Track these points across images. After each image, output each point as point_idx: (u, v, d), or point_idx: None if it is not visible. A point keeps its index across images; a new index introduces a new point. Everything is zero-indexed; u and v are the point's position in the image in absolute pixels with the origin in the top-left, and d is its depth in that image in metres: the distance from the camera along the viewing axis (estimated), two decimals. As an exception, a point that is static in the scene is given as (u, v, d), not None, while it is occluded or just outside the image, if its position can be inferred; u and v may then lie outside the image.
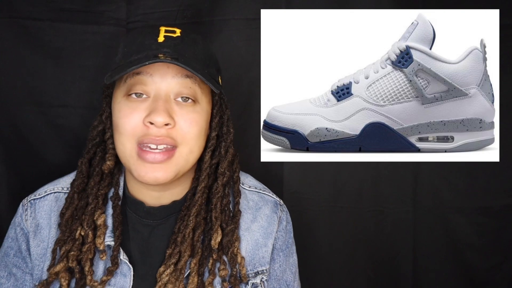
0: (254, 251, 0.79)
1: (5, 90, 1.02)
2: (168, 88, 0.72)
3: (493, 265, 1.09)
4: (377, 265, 1.10)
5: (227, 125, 0.80)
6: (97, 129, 0.80)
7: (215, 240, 0.75)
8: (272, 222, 0.82)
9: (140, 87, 0.72)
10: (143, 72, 0.72)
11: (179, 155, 0.73)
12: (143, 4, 1.03)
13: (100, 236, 0.75)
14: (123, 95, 0.73)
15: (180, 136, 0.72)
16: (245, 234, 0.80)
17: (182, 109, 0.72)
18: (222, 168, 0.78)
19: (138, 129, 0.71)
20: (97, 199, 0.77)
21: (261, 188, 0.87)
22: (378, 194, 1.08)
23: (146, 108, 0.71)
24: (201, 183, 0.77)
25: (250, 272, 0.78)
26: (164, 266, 0.74)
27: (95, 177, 0.78)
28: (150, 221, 0.78)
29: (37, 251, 0.77)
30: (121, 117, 0.72)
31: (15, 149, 1.03)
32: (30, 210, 0.80)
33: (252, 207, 0.82)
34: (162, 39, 0.73)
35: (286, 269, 0.83)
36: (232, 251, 0.76)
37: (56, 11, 1.01)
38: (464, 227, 1.08)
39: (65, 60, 1.03)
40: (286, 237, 0.84)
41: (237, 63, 1.06)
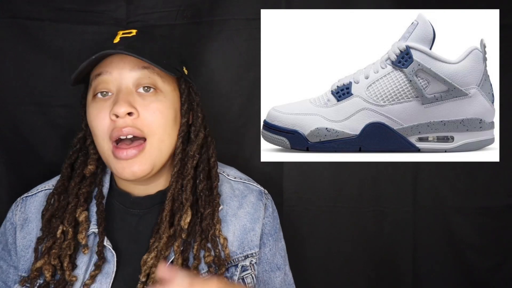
0: (243, 235, 0.82)
1: (5, 90, 1.02)
2: (127, 80, 0.75)
3: (493, 265, 1.09)
4: (377, 265, 1.10)
5: (196, 110, 0.82)
6: (77, 137, 0.84)
7: (184, 220, 0.76)
8: (258, 209, 0.85)
9: (103, 85, 0.76)
10: (103, 71, 0.76)
11: (150, 146, 0.75)
12: (143, 4, 1.03)
13: (81, 231, 0.77)
14: (91, 97, 0.77)
15: (146, 127, 0.74)
16: (233, 220, 0.82)
17: (144, 100, 0.75)
18: (192, 151, 0.80)
19: (107, 126, 0.74)
20: (77, 197, 0.80)
21: (246, 178, 0.90)
22: (378, 194, 1.08)
23: (110, 104, 0.74)
24: (174, 168, 0.79)
25: (240, 256, 0.80)
26: (148, 254, 0.75)
27: (75, 179, 0.81)
28: (137, 210, 0.81)
29: (23, 243, 0.79)
30: (92, 119, 0.76)
31: (15, 149, 1.03)
32: (21, 205, 0.83)
33: (238, 195, 0.85)
34: (117, 40, 0.77)
35: (275, 253, 0.86)
36: (212, 233, 0.77)
37: (56, 11, 1.01)
38: (464, 227, 1.08)
39: (65, 60, 1.03)
40: (273, 222, 0.87)
41: (237, 63, 1.06)
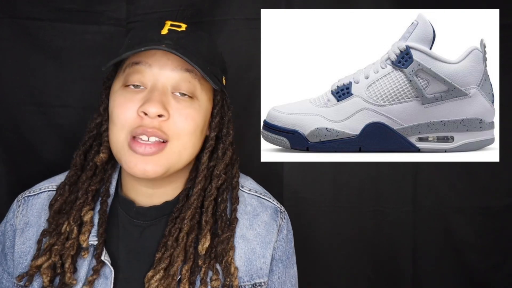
0: (251, 261, 0.75)
1: (5, 90, 1.02)
2: (166, 80, 0.70)
3: (493, 265, 1.09)
4: (377, 265, 1.10)
5: (227, 126, 0.77)
6: (95, 121, 0.78)
7: (202, 245, 0.71)
8: (271, 231, 0.77)
9: (138, 77, 0.70)
10: (142, 62, 0.70)
11: (170, 150, 0.70)
12: (143, 4, 1.03)
13: (84, 233, 0.72)
14: (120, 85, 0.72)
15: (172, 131, 0.69)
16: (239, 242, 0.75)
17: (178, 103, 0.70)
18: (218, 170, 0.75)
19: (131, 120, 0.69)
20: (86, 194, 0.75)
21: (262, 192, 0.82)
22: (378, 194, 1.08)
23: (142, 99, 0.69)
24: (197, 185, 0.74)
25: (247, 283, 0.74)
26: (153, 271, 0.70)
27: (87, 172, 0.76)
28: (140, 221, 0.75)
29: (22, 249, 0.75)
30: (116, 107, 0.70)
31: (15, 149, 1.03)
32: (22, 207, 0.79)
33: (249, 213, 0.78)
34: (165, 31, 0.71)
35: (286, 281, 0.79)
36: (226, 260, 0.72)
37: (56, 11, 1.01)
38: (464, 227, 1.08)
39: (65, 60, 1.03)
40: (286, 247, 0.79)
41: (237, 63, 1.06)
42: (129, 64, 0.71)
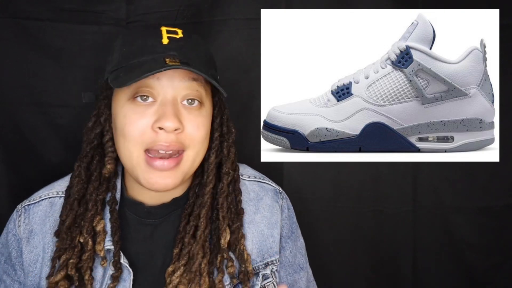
0: (261, 242, 0.80)
1: (5, 90, 1.02)
2: (176, 91, 0.71)
3: (493, 265, 1.09)
4: (377, 265, 1.10)
5: (227, 125, 0.80)
6: (95, 132, 0.77)
7: (224, 239, 0.75)
8: (275, 212, 0.83)
9: (147, 90, 0.70)
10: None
11: (186, 159, 0.72)
12: (143, 4, 1.03)
13: (100, 242, 0.74)
14: (127, 98, 0.71)
15: (188, 140, 0.72)
16: (250, 227, 0.80)
17: (190, 114, 0.72)
18: (226, 168, 0.78)
19: (146, 136, 0.70)
20: (96, 205, 0.76)
21: (260, 177, 0.87)
22: (378, 194, 1.08)
23: (154, 113, 0.69)
24: (208, 184, 0.76)
25: (260, 264, 0.79)
26: (173, 266, 0.73)
27: (94, 182, 0.76)
28: (151, 220, 0.78)
29: (30, 258, 0.76)
30: (128, 123, 0.70)
31: (15, 149, 1.03)
32: (24, 216, 0.78)
33: (253, 199, 0.83)
34: (166, 40, 0.71)
35: (296, 253, 0.85)
36: (239, 248, 0.76)
37: (56, 11, 1.01)
38: (464, 227, 1.08)
39: (65, 60, 1.02)
40: (290, 223, 0.85)
41: (237, 63, 1.06)
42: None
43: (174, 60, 0.68)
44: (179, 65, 0.67)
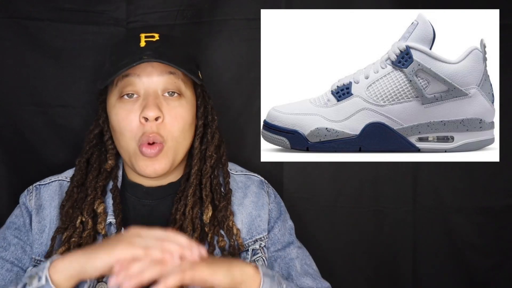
0: (250, 222, 0.87)
1: (5, 90, 1.02)
2: (155, 85, 0.80)
3: (493, 265, 1.09)
4: (377, 265, 1.10)
5: (211, 113, 0.88)
6: (94, 133, 0.88)
7: (206, 215, 0.83)
8: (261, 197, 0.90)
9: (130, 87, 0.80)
10: (131, 74, 0.79)
11: (167, 149, 0.80)
12: (143, 4, 1.03)
13: (101, 222, 0.81)
14: (116, 98, 0.81)
15: (167, 131, 0.80)
16: (240, 209, 0.87)
17: (169, 104, 0.80)
18: (210, 151, 0.87)
19: (136, 128, 0.79)
20: (95, 190, 0.83)
21: (247, 171, 0.95)
22: (378, 194, 1.08)
23: (139, 106, 0.79)
24: (194, 167, 0.85)
25: (249, 241, 0.86)
26: None
27: (93, 172, 0.85)
28: (149, 201, 0.86)
29: (38, 227, 0.82)
30: (120, 120, 0.80)
31: (15, 149, 1.03)
32: (35, 192, 0.86)
33: (241, 187, 0.91)
34: (143, 44, 0.81)
35: (285, 232, 0.91)
36: (227, 224, 0.84)
37: (56, 11, 1.01)
38: (464, 227, 1.08)
39: (65, 60, 1.02)
40: (277, 207, 0.92)
41: (237, 63, 1.06)
42: (120, 78, 0.80)
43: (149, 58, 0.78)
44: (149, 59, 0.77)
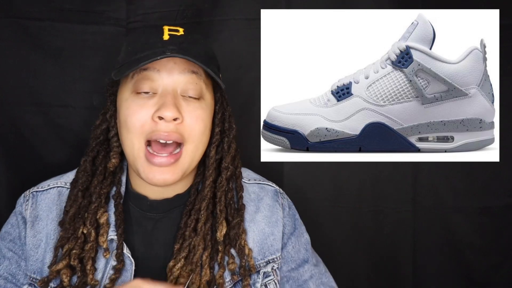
0: (262, 240, 0.81)
1: (5, 90, 1.02)
2: (175, 83, 0.73)
3: (493, 265, 1.09)
4: (377, 265, 1.10)
5: (229, 121, 0.82)
6: (101, 128, 0.81)
7: (220, 232, 0.76)
8: (275, 211, 0.84)
9: (148, 83, 0.73)
10: (151, 68, 0.73)
11: (185, 154, 0.74)
12: (143, 4, 1.03)
13: (103, 234, 0.76)
14: (130, 92, 0.74)
15: (187, 133, 0.73)
16: (251, 226, 0.81)
17: (188, 105, 0.74)
18: (226, 162, 0.80)
19: (147, 126, 0.72)
20: (100, 197, 0.78)
21: (260, 179, 0.89)
22: (378, 194, 1.08)
23: (155, 104, 0.72)
24: (208, 178, 0.79)
25: (261, 262, 0.80)
26: (174, 261, 0.74)
27: (98, 176, 0.79)
28: (153, 214, 0.79)
29: (32, 242, 0.77)
30: (130, 114, 0.73)
31: (15, 149, 1.03)
32: (31, 201, 0.81)
33: (254, 199, 0.84)
34: (167, 37, 0.74)
35: (300, 248, 0.85)
36: (239, 243, 0.77)
37: (56, 11, 1.01)
38: (464, 227, 1.08)
39: (65, 60, 1.03)
40: (292, 220, 0.86)
41: (237, 63, 1.06)
42: (137, 71, 0.73)
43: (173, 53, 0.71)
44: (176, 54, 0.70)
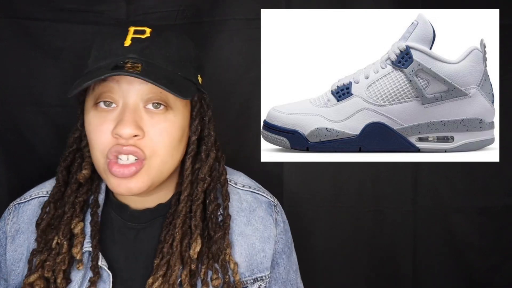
0: (251, 256, 0.76)
1: (5, 90, 1.02)
2: (137, 95, 0.67)
3: (493, 265, 1.09)
4: (377, 265, 1.10)
5: (208, 127, 0.75)
6: (74, 136, 0.77)
7: (193, 249, 0.71)
8: (268, 226, 0.78)
9: (108, 95, 0.68)
10: (109, 78, 0.67)
11: (148, 167, 0.68)
12: (143, 4, 1.03)
13: (76, 245, 0.71)
14: (92, 104, 0.69)
15: (149, 148, 0.67)
16: (239, 239, 0.75)
17: (152, 118, 0.68)
18: (202, 173, 0.74)
19: (107, 142, 0.67)
20: (74, 207, 0.74)
21: (255, 187, 0.83)
22: (378, 194, 1.08)
23: (115, 119, 0.67)
24: (184, 192, 0.73)
25: (248, 279, 0.75)
26: (153, 278, 0.70)
27: (72, 185, 0.75)
28: (135, 224, 0.75)
29: (14, 256, 0.75)
30: (91, 131, 0.69)
31: (15, 149, 1.03)
32: (13, 214, 0.78)
33: (245, 209, 0.78)
34: (128, 42, 0.69)
35: (289, 270, 0.82)
36: (223, 258, 0.72)
37: (56, 11, 1.01)
38: (464, 227, 1.08)
39: (65, 60, 1.02)
40: (285, 238, 0.81)
41: (237, 63, 1.06)
42: (97, 81, 0.68)
43: (132, 64, 0.65)
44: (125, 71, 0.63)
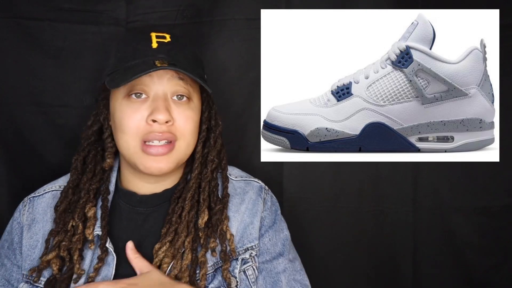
0: (243, 229, 0.86)
1: (5, 90, 1.02)
2: (166, 88, 0.80)
3: (493, 265, 1.09)
4: (377, 265, 1.10)
5: (215, 118, 0.88)
6: (92, 129, 0.87)
7: (202, 219, 0.82)
8: (257, 203, 0.88)
9: (140, 87, 0.79)
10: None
11: (178, 148, 0.81)
12: (143, 4, 1.03)
13: (89, 227, 0.80)
14: (123, 96, 0.80)
15: (179, 132, 0.80)
16: (235, 216, 0.86)
17: (178, 108, 0.81)
18: (211, 156, 0.86)
19: (141, 128, 0.78)
20: (88, 193, 0.83)
21: (246, 176, 0.93)
22: (378, 194, 1.08)
23: (147, 108, 0.79)
24: (194, 171, 0.85)
25: (240, 249, 0.84)
26: (160, 243, 0.79)
27: (88, 174, 0.85)
28: (143, 209, 0.84)
29: (30, 243, 0.82)
30: (124, 118, 0.79)
31: (15, 149, 1.03)
32: (28, 206, 0.86)
33: (239, 193, 0.89)
34: (155, 45, 0.80)
35: (277, 242, 0.89)
36: (221, 228, 0.82)
37: (56, 11, 1.01)
38: (464, 227, 1.08)
39: (65, 60, 1.03)
40: (272, 215, 0.90)
41: (237, 63, 1.06)
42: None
43: (162, 62, 0.77)
44: (166, 66, 0.77)
